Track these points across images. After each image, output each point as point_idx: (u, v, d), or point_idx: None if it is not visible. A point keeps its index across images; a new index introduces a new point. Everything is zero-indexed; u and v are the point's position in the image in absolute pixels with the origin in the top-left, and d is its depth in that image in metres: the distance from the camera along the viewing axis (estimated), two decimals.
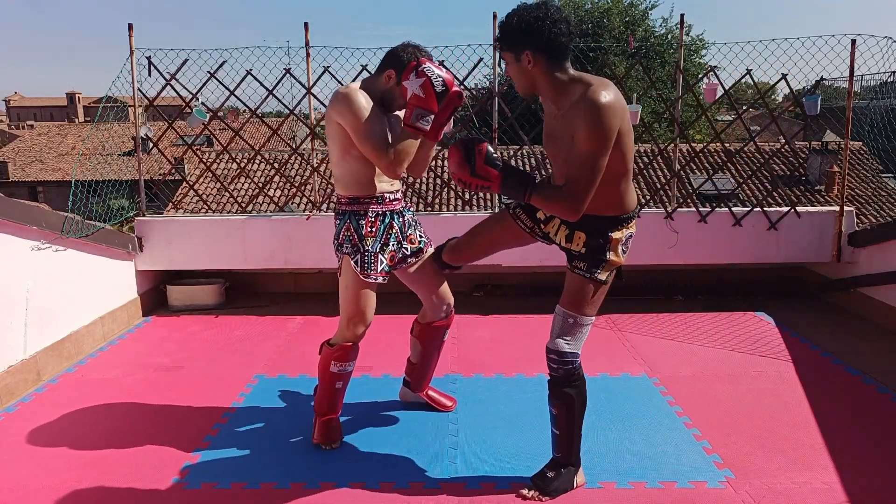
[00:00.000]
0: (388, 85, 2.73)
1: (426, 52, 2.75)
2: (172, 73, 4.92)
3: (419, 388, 3.32)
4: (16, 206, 3.64)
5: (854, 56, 4.76)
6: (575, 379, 2.52)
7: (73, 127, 36.75)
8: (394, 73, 2.70)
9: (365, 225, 2.79)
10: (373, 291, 2.84)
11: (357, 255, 2.79)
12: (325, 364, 2.92)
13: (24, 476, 2.76)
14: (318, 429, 2.98)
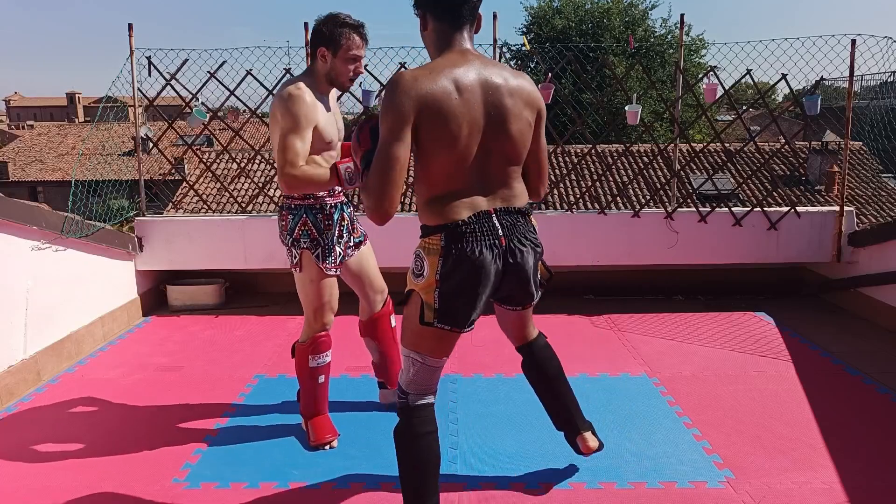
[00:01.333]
0: (328, 63, 2.69)
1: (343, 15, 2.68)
2: (172, 73, 4.93)
3: (392, 383, 3.30)
4: (16, 206, 3.64)
5: (854, 56, 4.76)
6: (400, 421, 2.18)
7: (73, 127, 36.79)
8: (325, 49, 2.66)
9: (322, 219, 2.82)
10: (335, 282, 2.88)
11: (318, 249, 2.80)
12: (302, 362, 2.91)
13: (24, 476, 2.76)
14: (312, 431, 2.97)
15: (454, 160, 2.00)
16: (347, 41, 2.66)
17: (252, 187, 11.33)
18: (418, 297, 2.10)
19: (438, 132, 1.95)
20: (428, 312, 2.07)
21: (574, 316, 4.79)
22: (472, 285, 2.06)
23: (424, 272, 2.08)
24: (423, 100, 1.92)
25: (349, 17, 2.69)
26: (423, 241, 2.10)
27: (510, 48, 21.00)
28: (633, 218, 5.02)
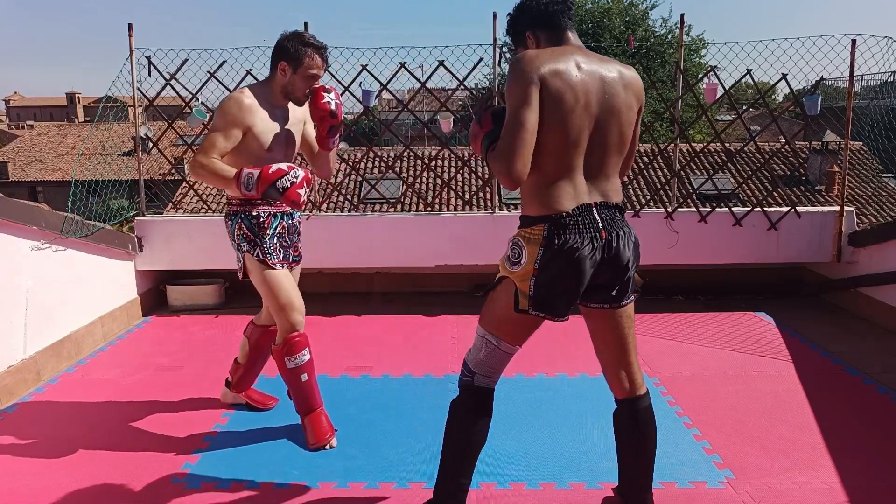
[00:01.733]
0: (287, 77, 2.78)
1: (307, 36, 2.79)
2: (172, 72, 4.93)
3: (241, 388, 3.33)
4: (16, 206, 3.64)
5: (854, 56, 4.76)
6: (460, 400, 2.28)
7: (73, 127, 36.77)
8: (286, 64, 2.76)
9: (256, 224, 2.85)
10: (286, 276, 2.89)
11: (256, 249, 2.85)
12: (280, 364, 2.92)
13: (24, 476, 2.76)
14: (310, 430, 2.96)
15: (566, 145, 2.03)
16: (310, 60, 2.77)
17: None
18: (511, 285, 2.14)
19: (557, 106, 1.99)
20: (522, 300, 2.11)
21: (574, 316, 4.77)
22: (569, 276, 2.10)
23: (522, 260, 2.11)
24: (548, 71, 1.99)
25: (314, 39, 2.81)
26: (522, 230, 2.13)
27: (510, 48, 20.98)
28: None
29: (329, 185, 5.77)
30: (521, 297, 2.11)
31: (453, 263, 5.12)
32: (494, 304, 2.20)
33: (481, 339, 2.22)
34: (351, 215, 5.29)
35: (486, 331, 2.21)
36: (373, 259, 5.15)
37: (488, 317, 2.22)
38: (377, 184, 5.81)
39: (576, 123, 2.02)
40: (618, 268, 2.16)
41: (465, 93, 5.49)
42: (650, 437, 2.33)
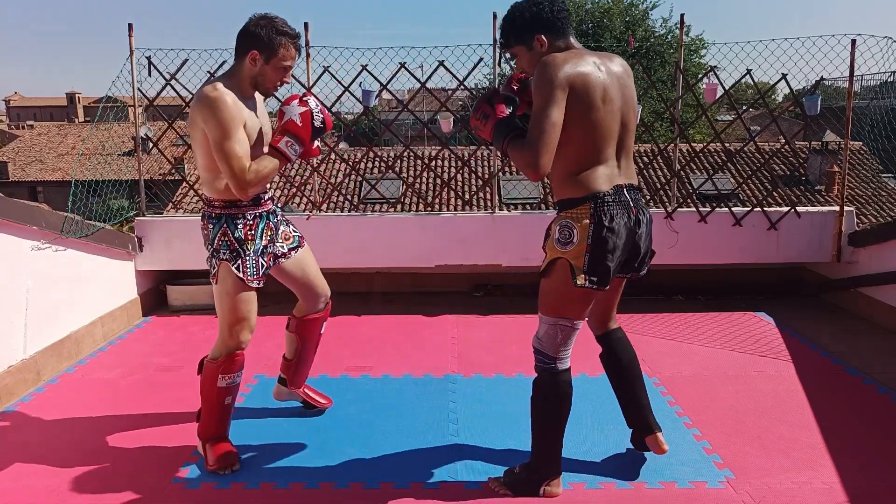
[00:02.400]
0: (257, 67, 2.55)
1: (280, 22, 2.56)
2: (172, 72, 4.93)
3: (295, 384, 3.22)
4: (16, 206, 3.64)
5: (854, 56, 4.76)
6: (545, 384, 2.49)
7: (73, 127, 36.77)
8: (258, 54, 2.53)
9: (243, 229, 2.68)
10: (254, 297, 2.73)
11: (238, 261, 2.65)
12: (210, 380, 2.71)
13: (24, 476, 2.76)
14: (211, 454, 2.75)
15: (599, 134, 2.30)
16: (284, 51, 2.55)
17: None
18: (566, 264, 2.34)
19: (588, 102, 2.24)
20: (580, 276, 2.32)
21: None
22: (615, 248, 2.34)
23: (574, 239, 2.33)
24: (575, 74, 2.24)
25: (286, 25, 2.57)
26: (568, 212, 2.35)
27: None
28: None
29: (329, 185, 5.77)
30: (577, 272, 2.32)
31: (453, 263, 5.12)
32: (553, 289, 2.41)
33: (553, 326, 2.43)
34: (351, 215, 5.29)
35: (555, 318, 2.42)
36: (373, 259, 5.14)
37: (552, 304, 2.43)
38: (377, 184, 5.81)
39: (605, 117, 2.29)
40: (643, 242, 2.45)
41: (465, 93, 5.49)
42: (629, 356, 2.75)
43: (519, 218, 5.26)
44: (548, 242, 2.43)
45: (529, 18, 2.36)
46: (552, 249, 2.39)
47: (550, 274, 2.41)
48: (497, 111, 2.35)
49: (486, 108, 2.38)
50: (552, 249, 2.39)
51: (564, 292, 2.38)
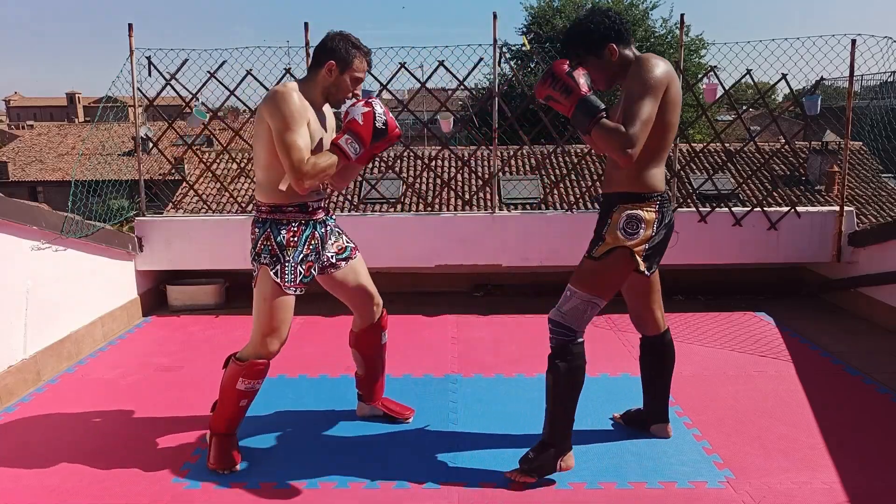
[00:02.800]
0: (332, 78, 2.66)
1: (355, 39, 2.69)
2: (172, 73, 4.93)
3: (372, 398, 3.21)
4: (16, 206, 3.64)
5: (854, 56, 4.76)
6: (566, 354, 2.60)
7: (73, 127, 36.76)
8: (334, 64, 2.63)
9: (286, 235, 2.68)
10: (290, 304, 2.72)
11: (277, 266, 2.66)
12: (231, 380, 2.73)
13: (24, 476, 2.76)
14: (215, 451, 2.77)
15: (671, 135, 2.55)
16: (358, 63, 2.68)
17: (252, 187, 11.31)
18: (626, 252, 2.55)
19: (673, 104, 2.49)
20: (641, 263, 2.57)
21: None
22: (666, 240, 2.65)
23: (640, 231, 2.54)
24: (672, 76, 2.47)
25: (360, 42, 2.72)
26: (637, 205, 2.55)
27: (510, 48, 21.00)
28: None
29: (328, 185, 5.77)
30: (638, 260, 2.55)
31: (453, 263, 5.12)
32: (605, 271, 2.58)
33: (586, 302, 2.58)
34: (351, 215, 5.29)
35: (591, 295, 2.58)
36: (373, 259, 5.10)
37: (595, 283, 2.58)
38: (377, 184, 5.81)
39: (677, 121, 2.55)
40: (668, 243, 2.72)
41: (465, 93, 5.49)
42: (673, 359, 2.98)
43: (519, 218, 5.26)
44: (608, 230, 2.57)
45: (603, 30, 2.51)
46: (615, 238, 2.55)
47: (606, 259, 2.56)
48: (581, 87, 2.41)
49: (570, 81, 2.41)
50: (615, 238, 2.55)
51: (614, 277, 2.59)
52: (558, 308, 2.63)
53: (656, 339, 2.92)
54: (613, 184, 2.60)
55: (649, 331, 2.93)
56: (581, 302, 2.59)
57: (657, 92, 2.41)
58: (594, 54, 2.54)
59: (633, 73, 2.46)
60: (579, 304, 2.59)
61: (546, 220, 5.18)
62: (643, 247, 2.55)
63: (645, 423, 3.02)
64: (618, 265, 2.56)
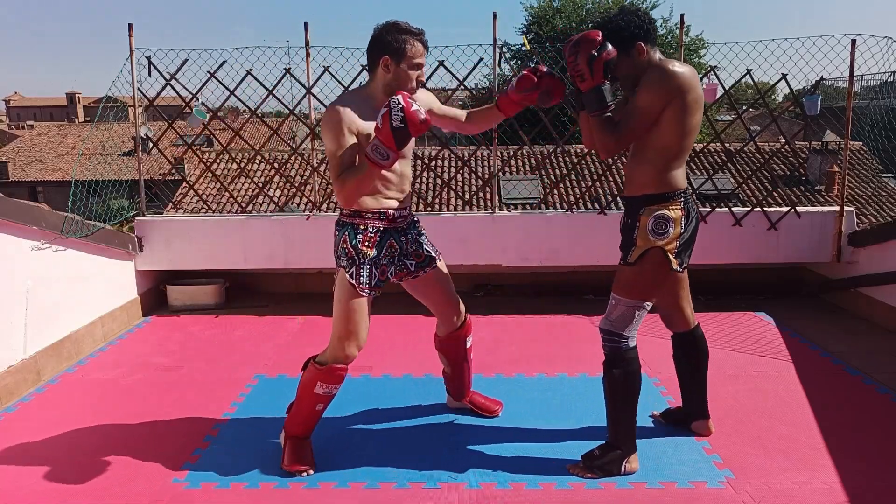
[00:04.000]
0: (390, 73, 2.60)
1: (402, 23, 2.62)
2: (172, 73, 4.92)
3: (459, 396, 3.27)
4: (16, 206, 3.64)
5: (854, 56, 4.76)
6: (619, 361, 2.66)
7: (73, 127, 36.76)
8: (389, 58, 2.58)
9: (363, 239, 2.70)
10: (366, 308, 2.72)
11: (353, 268, 2.69)
12: (309, 384, 2.74)
13: (24, 476, 2.76)
14: (290, 453, 2.79)
15: (692, 137, 2.62)
16: (412, 48, 2.59)
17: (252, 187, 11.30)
18: (659, 252, 2.60)
19: (695, 108, 2.57)
20: (674, 261, 2.61)
21: (574, 316, 4.79)
22: (694, 234, 2.70)
23: (670, 230, 2.59)
24: (693, 81, 2.54)
25: (409, 25, 2.62)
26: (662, 205, 2.60)
27: (510, 48, 21.01)
28: None
29: (329, 185, 5.77)
30: (671, 258, 2.60)
31: (453, 263, 5.08)
32: (644, 274, 2.63)
33: (632, 308, 2.64)
34: None
35: (636, 300, 2.64)
36: None
37: (638, 288, 2.64)
38: None
39: (699, 123, 2.63)
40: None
41: (465, 93, 5.49)
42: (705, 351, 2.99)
43: (519, 218, 5.26)
44: (638, 234, 2.62)
45: (633, 28, 2.56)
46: (645, 240, 2.61)
47: (642, 262, 2.61)
48: (595, 76, 2.51)
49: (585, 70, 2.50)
50: (645, 240, 2.61)
51: (653, 278, 2.64)
52: (607, 317, 2.70)
53: (687, 334, 2.95)
54: (636, 186, 2.66)
55: (679, 327, 2.96)
56: (627, 308, 2.65)
57: (662, 99, 2.49)
58: (623, 52, 2.57)
59: (647, 79, 2.52)
60: (626, 311, 2.65)
61: (546, 220, 5.18)
62: (674, 244, 2.61)
63: (685, 421, 3.05)
64: (653, 266, 2.62)
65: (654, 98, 2.50)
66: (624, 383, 2.67)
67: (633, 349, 2.68)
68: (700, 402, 3.02)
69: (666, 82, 2.49)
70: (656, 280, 2.66)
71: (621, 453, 2.70)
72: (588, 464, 2.72)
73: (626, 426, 2.72)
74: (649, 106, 2.51)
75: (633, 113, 2.54)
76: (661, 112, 2.52)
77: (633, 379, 2.68)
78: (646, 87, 2.52)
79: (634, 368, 2.68)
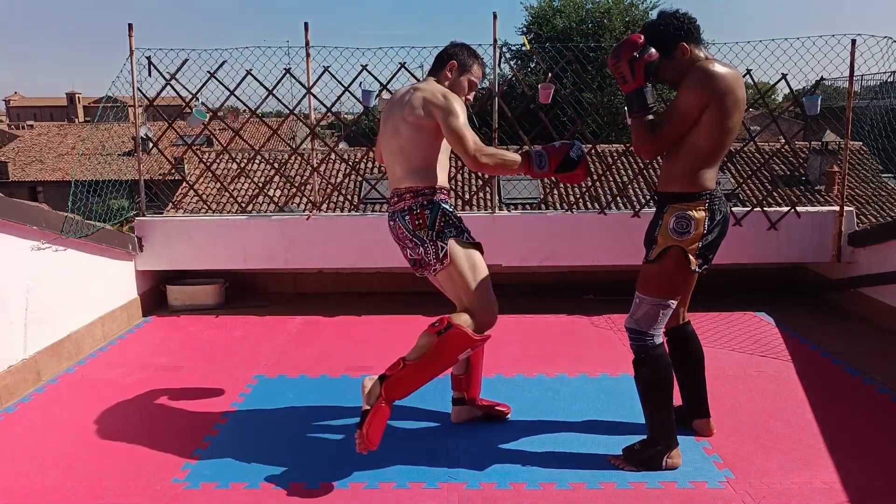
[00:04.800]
0: (451, 77, 2.89)
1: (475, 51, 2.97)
2: (172, 73, 4.93)
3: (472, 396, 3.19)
4: (16, 206, 3.64)
5: (854, 56, 4.76)
6: (647, 359, 2.70)
7: (73, 127, 36.77)
8: (455, 65, 2.88)
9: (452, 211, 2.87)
10: None
11: (463, 234, 2.85)
12: (455, 346, 2.66)
13: (24, 476, 2.76)
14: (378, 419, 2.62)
15: (730, 138, 2.63)
16: (477, 70, 2.95)
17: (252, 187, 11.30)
18: (679, 251, 2.63)
19: (735, 110, 2.57)
20: (694, 261, 2.65)
21: (574, 316, 4.79)
22: (721, 236, 2.71)
23: (692, 229, 2.61)
24: (734, 84, 2.55)
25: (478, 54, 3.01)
26: (685, 204, 2.62)
27: (510, 48, 21.01)
28: (633, 218, 5.01)
29: (329, 185, 5.77)
30: (692, 258, 2.64)
31: None
32: (664, 274, 2.67)
33: (656, 306, 2.68)
34: (351, 215, 5.28)
35: (659, 298, 2.68)
36: (373, 259, 5.14)
37: (660, 287, 2.68)
38: (377, 184, 5.81)
39: (738, 124, 2.64)
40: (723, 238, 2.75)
41: None
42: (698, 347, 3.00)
43: (519, 218, 5.26)
44: (660, 231, 2.65)
45: (673, 30, 2.60)
46: (666, 238, 2.63)
47: (662, 260, 2.65)
48: (637, 79, 2.57)
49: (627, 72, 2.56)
50: (666, 238, 2.63)
51: (674, 276, 2.67)
52: (631, 315, 2.73)
53: (675, 330, 2.97)
54: (667, 183, 2.68)
55: (669, 323, 2.93)
56: (651, 307, 2.68)
57: (702, 103, 2.51)
58: (667, 55, 2.61)
59: (687, 81, 2.55)
60: (650, 310, 2.68)
61: (546, 220, 5.18)
62: (696, 245, 2.63)
63: (686, 420, 3.03)
64: (674, 264, 2.65)
65: (693, 100, 2.53)
66: (655, 381, 2.70)
67: (659, 346, 2.72)
68: (699, 401, 3.01)
69: (705, 85, 2.51)
70: (677, 278, 2.69)
71: (662, 448, 2.73)
72: (629, 458, 2.76)
73: (663, 422, 2.74)
74: (688, 108, 2.54)
75: (671, 114, 2.58)
76: (700, 114, 2.53)
77: (663, 375, 2.70)
78: (685, 88, 2.55)
79: (663, 365, 2.71)
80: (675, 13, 2.64)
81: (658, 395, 2.72)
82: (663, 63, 2.62)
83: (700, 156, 2.59)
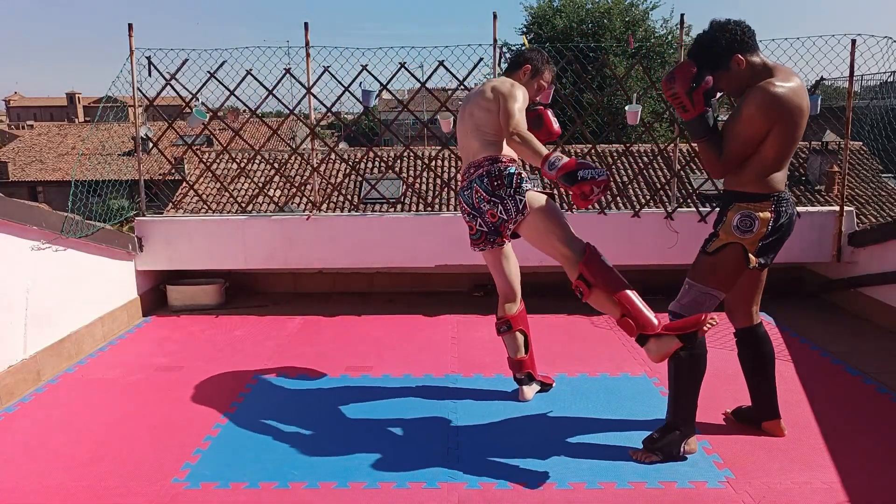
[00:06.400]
0: (524, 79, 3.20)
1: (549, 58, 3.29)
2: (172, 73, 4.93)
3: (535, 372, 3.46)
4: (16, 206, 3.64)
5: (854, 56, 4.76)
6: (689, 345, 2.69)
7: (73, 127, 36.75)
8: (529, 68, 3.20)
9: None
10: None
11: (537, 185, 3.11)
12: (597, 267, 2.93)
13: (24, 476, 2.76)
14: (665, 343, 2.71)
15: (794, 146, 2.67)
16: (548, 75, 3.29)
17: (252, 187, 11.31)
18: (739, 247, 2.67)
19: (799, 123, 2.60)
20: (752, 259, 2.67)
21: (574, 316, 4.79)
22: (784, 236, 2.74)
23: (755, 228, 2.66)
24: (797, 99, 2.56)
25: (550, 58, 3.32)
26: (750, 204, 2.67)
27: (510, 48, 21.01)
28: (633, 218, 5.01)
29: (329, 185, 5.77)
30: (751, 256, 2.67)
31: (453, 263, 5.12)
32: (722, 265, 2.71)
33: (704, 294, 2.74)
34: (351, 215, 5.29)
35: (712, 288, 2.73)
36: (373, 259, 5.14)
37: (713, 277, 2.73)
38: (377, 184, 5.81)
39: (802, 133, 2.66)
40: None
41: (465, 93, 5.49)
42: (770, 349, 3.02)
43: None
44: (723, 227, 2.71)
45: (726, 43, 2.59)
46: (729, 234, 2.69)
47: (720, 253, 2.70)
48: (697, 106, 2.60)
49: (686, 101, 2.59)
50: (729, 234, 2.69)
51: (729, 270, 2.71)
52: (678, 300, 2.80)
53: (746, 331, 2.98)
54: (736, 183, 2.71)
55: (740, 322, 2.99)
56: (699, 294, 2.73)
57: (766, 126, 2.54)
58: (722, 68, 2.61)
59: (748, 103, 2.55)
60: (697, 297, 2.74)
61: None
62: (756, 244, 2.65)
63: (756, 421, 3.06)
64: (731, 260, 2.68)
65: (757, 125, 2.55)
66: (689, 366, 2.74)
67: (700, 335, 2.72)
68: (769, 402, 3.03)
69: (770, 110, 2.52)
70: (732, 273, 2.71)
71: (680, 434, 2.78)
72: (649, 447, 2.80)
73: (687, 408, 2.80)
74: (753, 132, 2.57)
75: (735, 138, 2.60)
76: (765, 135, 2.57)
77: (698, 362, 2.74)
78: (748, 112, 2.55)
79: (700, 353, 2.74)
80: (725, 24, 2.63)
81: (688, 380, 2.77)
82: (720, 75, 2.62)
83: (768, 164, 2.63)
